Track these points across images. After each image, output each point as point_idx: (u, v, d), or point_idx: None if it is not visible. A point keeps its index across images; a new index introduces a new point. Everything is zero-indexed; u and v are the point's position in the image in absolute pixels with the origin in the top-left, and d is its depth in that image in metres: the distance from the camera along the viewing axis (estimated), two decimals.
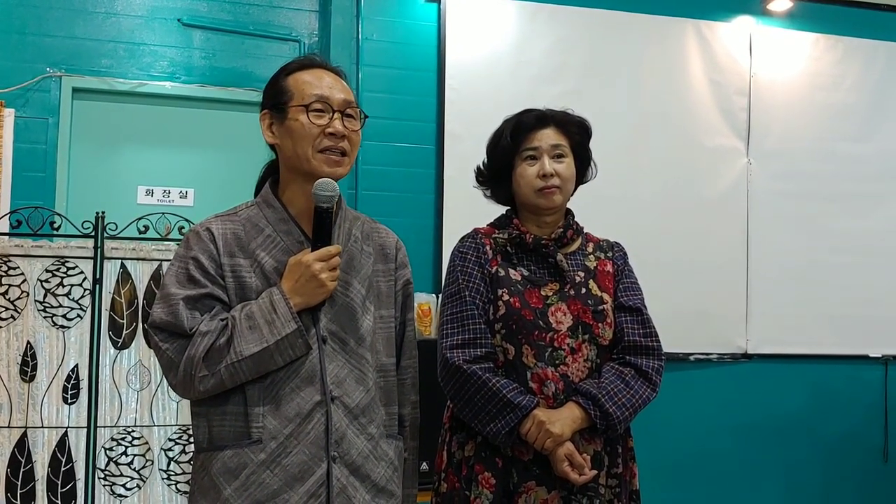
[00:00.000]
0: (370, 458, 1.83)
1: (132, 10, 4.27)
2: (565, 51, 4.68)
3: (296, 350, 1.76)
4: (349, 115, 1.88)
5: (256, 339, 1.72)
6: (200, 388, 1.74)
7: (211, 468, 1.77)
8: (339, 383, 1.80)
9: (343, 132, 1.85)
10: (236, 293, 1.81)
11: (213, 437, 1.80)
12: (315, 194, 1.79)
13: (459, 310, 2.14)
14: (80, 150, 4.20)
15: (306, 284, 1.77)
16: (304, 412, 1.76)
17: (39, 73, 4.09)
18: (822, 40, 5.11)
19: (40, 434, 3.28)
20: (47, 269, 3.32)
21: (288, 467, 1.74)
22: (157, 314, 1.78)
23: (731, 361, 4.89)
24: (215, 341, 1.73)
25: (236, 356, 1.72)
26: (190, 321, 1.75)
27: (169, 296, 1.78)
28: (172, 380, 1.78)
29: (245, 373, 1.73)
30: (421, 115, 4.50)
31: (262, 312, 1.75)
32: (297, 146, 1.85)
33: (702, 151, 4.87)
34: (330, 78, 1.90)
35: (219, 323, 1.75)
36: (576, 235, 2.27)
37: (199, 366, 1.72)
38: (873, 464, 5.10)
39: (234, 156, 4.31)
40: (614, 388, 2.09)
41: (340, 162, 1.86)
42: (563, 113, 2.24)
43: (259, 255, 1.84)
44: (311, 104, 1.85)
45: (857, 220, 5.08)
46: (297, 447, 1.75)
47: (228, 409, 1.78)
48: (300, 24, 4.49)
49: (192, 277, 1.79)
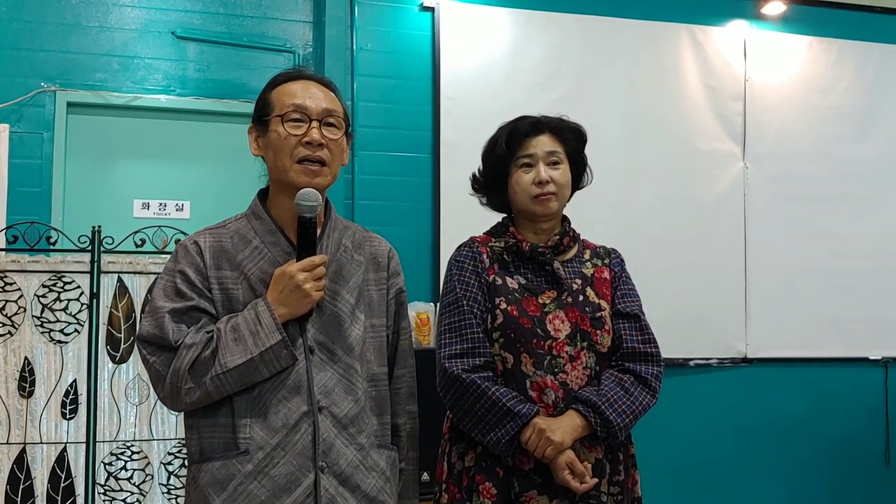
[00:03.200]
0: (360, 469, 1.82)
1: (126, 23, 4.26)
2: (560, 58, 4.68)
3: (281, 361, 1.76)
4: (329, 123, 1.87)
5: (241, 350, 1.72)
6: (187, 400, 1.74)
7: (200, 480, 1.77)
8: (326, 393, 1.80)
9: (319, 140, 1.84)
10: (223, 305, 1.81)
11: (203, 449, 1.80)
12: (297, 204, 1.79)
13: (457, 319, 2.13)
14: (76, 165, 4.20)
15: (290, 295, 1.77)
16: (291, 422, 1.76)
17: (34, 88, 4.08)
18: (816, 43, 5.12)
19: (39, 450, 3.27)
20: (44, 285, 3.32)
21: (275, 478, 1.73)
22: (144, 327, 1.79)
23: (731, 366, 4.88)
24: (200, 353, 1.73)
25: (221, 368, 1.72)
26: (175, 334, 1.75)
27: (156, 309, 1.79)
28: (160, 392, 1.78)
29: (231, 385, 1.74)
30: (416, 124, 4.50)
31: (247, 324, 1.75)
32: (277, 157, 1.85)
33: (698, 156, 4.87)
34: (314, 88, 1.89)
35: (204, 335, 1.76)
36: (572, 242, 2.26)
37: (185, 378, 1.73)
38: (875, 466, 5.09)
39: (230, 167, 4.30)
40: (614, 395, 2.08)
41: (318, 172, 1.85)
42: (559, 119, 2.24)
43: (246, 267, 1.84)
44: (287, 113, 1.84)
45: (855, 222, 5.08)
46: (285, 458, 1.75)
47: (218, 420, 1.78)
48: (294, 35, 4.49)
49: (179, 290, 1.80)
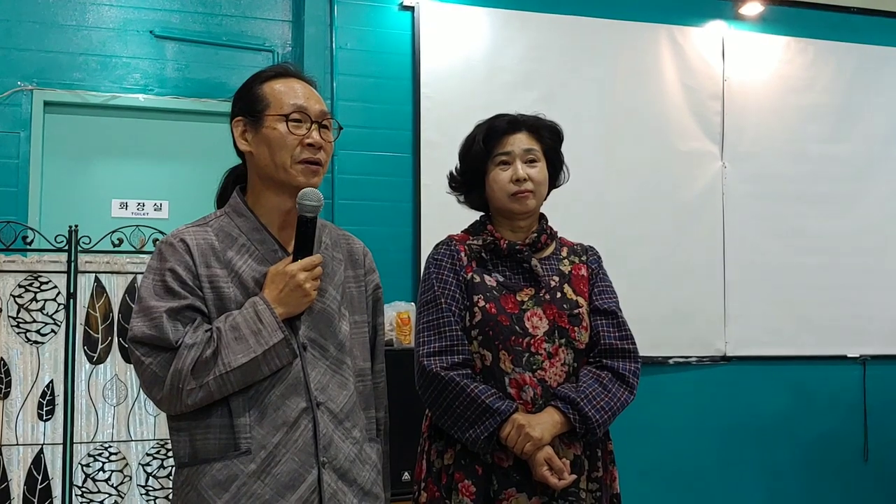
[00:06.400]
0: (356, 462, 1.83)
1: (104, 22, 4.23)
2: (538, 57, 4.69)
3: (282, 359, 1.75)
4: (325, 125, 1.89)
5: (244, 349, 1.71)
6: (189, 401, 1.71)
7: (199, 483, 1.74)
8: (322, 389, 1.81)
9: (321, 143, 1.86)
10: (214, 304, 1.79)
11: (197, 451, 1.77)
12: (300, 204, 1.79)
13: (436, 317, 2.13)
14: (53, 164, 4.16)
15: (291, 294, 1.76)
16: (291, 420, 1.76)
17: (10, 87, 4.05)
18: (794, 43, 5.16)
19: (15, 451, 3.24)
20: (20, 285, 3.29)
21: (278, 476, 1.73)
22: (138, 328, 1.74)
23: (710, 364, 4.90)
24: (202, 353, 1.71)
25: (225, 367, 1.70)
26: (174, 334, 1.72)
27: (149, 309, 1.75)
28: (157, 394, 1.74)
29: (233, 384, 1.72)
30: (396, 124, 4.49)
31: (248, 323, 1.73)
32: (275, 155, 1.84)
33: (676, 155, 4.90)
34: (305, 89, 1.90)
35: (203, 334, 1.73)
36: (550, 240, 2.27)
37: (188, 379, 1.70)
38: (853, 463, 5.13)
39: (209, 167, 4.20)
40: (592, 391, 2.09)
41: (317, 171, 1.86)
42: (535, 118, 2.25)
43: (236, 265, 1.82)
44: (291, 114, 1.84)
45: (833, 221, 5.13)
46: (287, 455, 1.74)
47: (212, 421, 1.76)
48: (273, 34, 4.48)
49: (171, 289, 1.76)
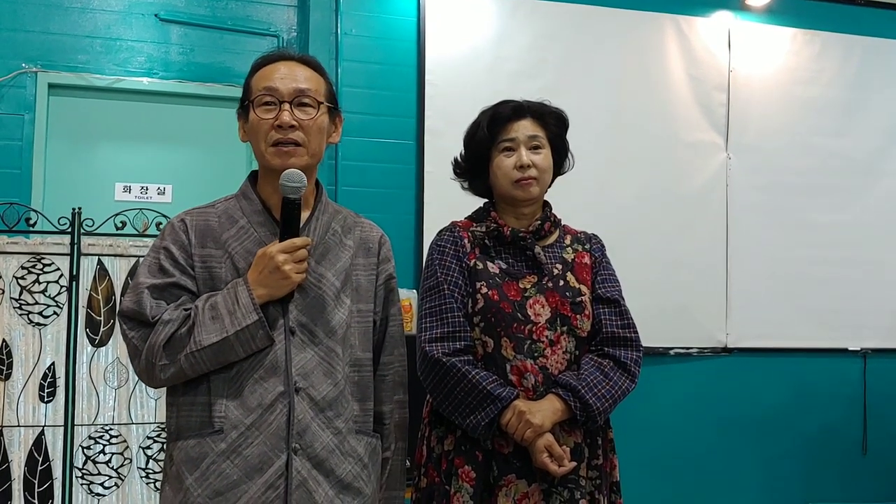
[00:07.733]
0: (335, 453, 1.80)
1: (109, 5, 4.23)
2: (544, 46, 4.68)
3: (257, 342, 1.75)
4: (304, 103, 1.85)
5: (217, 329, 1.72)
6: (161, 376, 1.75)
7: (177, 457, 1.77)
8: (305, 375, 1.79)
9: (290, 123, 1.82)
10: (205, 283, 1.81)
11: (180, 427, 1.80)
12: (281, 185, 1.78)
13: (438, 303, 2.13)
14: (57, 147, 4.16)
15: (269, 276, 1.76)
16: (267, 403, 1.75)
17: (15, 69, 4.04)
18: (800, 35, 5.14)
19: (16, 433, 3.25)
20: (23, 266, 3.30)
21: (248, 458, 1.73)
22: (124, 302, 1.80)
23: (712, 355, 4.90)
24: (177, 330, 1.73)
25: (196, 346, 1.72)
26: (153, 310, 1.75)
27: (137, 284, 1.80)
28: (136, 367, 1.79)
29: (205, 363, 1.73)
30: (401, 111, 4.48)
31: (226, 303, 1.75)
32: (256, 143, 1.86)
33: (681, 146, 4.88)
34: (287, 68, 1.87)
35: (182, 312, 1.76)
36: (553, 227, 2.26)
37: (160, 354, 1.73)
38: (852, 456, 5.13)
39: (213, 151, 4.27)
40: (594, 379, 2.09)
41: (293, 152, 1.83)
42: (540, 104, 2.24)
43: (231, 246, 1.83)
44: (258, 97, 1.84)
45: (836, 214, 5.12)
46: (258, 437, 1.74)
47: (196, 399, 1.78)
48: (279, 18, 4.47)
49: (162, 267, 1.80)
